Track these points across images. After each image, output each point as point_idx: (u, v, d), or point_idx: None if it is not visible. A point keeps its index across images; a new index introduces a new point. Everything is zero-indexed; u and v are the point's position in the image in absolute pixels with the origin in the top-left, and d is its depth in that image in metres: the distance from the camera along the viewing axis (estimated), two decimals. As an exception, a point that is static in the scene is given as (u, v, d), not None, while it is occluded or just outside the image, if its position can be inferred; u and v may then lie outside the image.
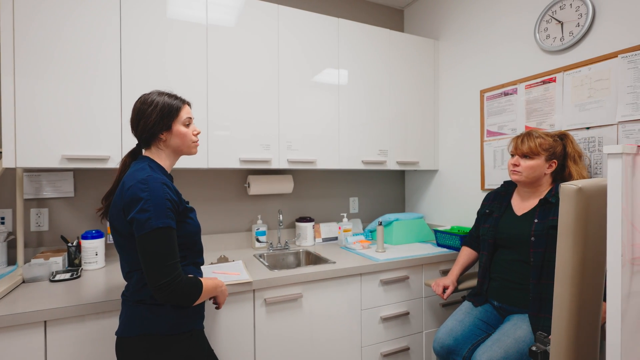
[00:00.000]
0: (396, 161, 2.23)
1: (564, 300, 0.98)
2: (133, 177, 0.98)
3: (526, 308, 1.38)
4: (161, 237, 0.93)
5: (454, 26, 2.27)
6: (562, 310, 0.98)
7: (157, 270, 0.91)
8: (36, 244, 1.72)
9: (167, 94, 1.10)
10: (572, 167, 1.45)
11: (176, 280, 0.92)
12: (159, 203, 0.94)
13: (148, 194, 0.94)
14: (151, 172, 1.00)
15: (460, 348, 1.42)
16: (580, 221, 0.95)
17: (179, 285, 0.93)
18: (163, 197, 0.95)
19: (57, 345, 1.17)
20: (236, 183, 2.16)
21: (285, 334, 1.55)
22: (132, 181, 0.97)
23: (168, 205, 0.96)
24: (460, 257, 1.72)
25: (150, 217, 0.92)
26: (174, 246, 0.96)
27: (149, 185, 0.95)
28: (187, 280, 0.97)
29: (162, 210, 0.94)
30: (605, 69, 1.50)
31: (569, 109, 1.64)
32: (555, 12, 1.68)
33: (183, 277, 0.95)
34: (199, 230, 1.11)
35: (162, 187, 0.96)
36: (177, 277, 0.93)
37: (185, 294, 0.96)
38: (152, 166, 1.04)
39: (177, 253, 0.96)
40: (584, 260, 0.97)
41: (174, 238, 0.96)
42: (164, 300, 0.93)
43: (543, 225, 1.35)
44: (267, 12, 1.85)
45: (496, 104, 1.99)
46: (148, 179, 0.96)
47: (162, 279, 0.91)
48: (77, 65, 1.47)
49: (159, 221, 0.93)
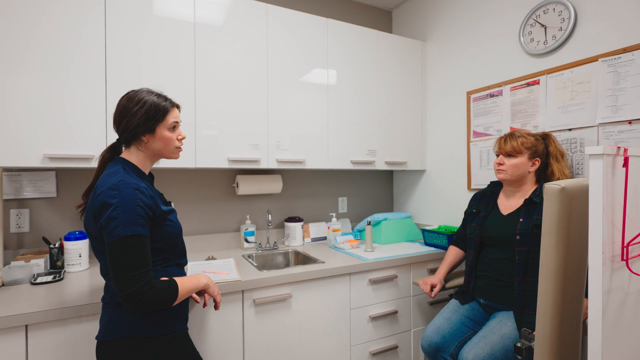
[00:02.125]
0: (385, 161, 2.25)
1: (548, 297, 1.00)
2: (105, 182, 0.95)
3: (511, 305, 1.41)
4: (128, 246, 0.90)
5: (441, 28, 2.30)
6: (546, 306, 1.01)
7: (122, 280, 0.88)
8: (16, 245, 1.66)
9: (156, 93, 1.06)
10: (555, 165, 1.50)
11: (142, 289, 0.89)
12: (129, 210, 0.91)
13: (118, 200, 0.91)
14: (124, 175, 0.96)
15: (447, 345, 1.44)
16: (563, 220, 0.98)
17: (147, 294, 0.90)
18: (134, 203, 0.92)
19: (39, 350, 1.14)
20: (224, 183, 2.14)
21: (275, 334, 1.54)
22: (104, 186, 0.93)
23: (139, 212, 0.92)
24: (448, 256, 1.74)
25: (117, 225, 0.89)
26: (143, 254, 0.92)
27: (120, 190, 0.92)
28: (158, 287, 0.93)
29: (132, 217, 0.91)
30: (586, 72, 1.55)
31: (552, 110, 1.69)
32: (539, 16, 1.72)
33: (151, 285, 0.92)
34: (179, 232, 1.08)
35: (133, 193, 0.93)
36: (143, 286, 0.89)
37: (157, 301, 0.92)
38: (126, 169, 1.00)
39: (147, 261, 0.92)
40: (566, 258, 1.00)
41: (144, 245, 0.92)
42: (132, 310, 0.90)
43: (528, 224, 1.38)
44: (256, 11, 1.84)
45: (482, 105, 2.03)
46: (119, 185, 0.93)
47: (128, 288, 0.88)
48: (59, 60, 1.43)
49: (127, 229, 0.89)
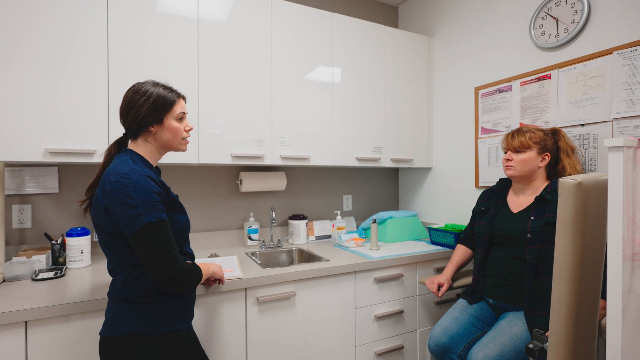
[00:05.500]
0: (390, 158, 2.21)
1: (563, 297, 0.96)
2: (114, 171, 0.93)
3: (521, 305, 1.37)
4: (155, 232, 0.90)
5: (449, 23, 2.26)
6: (560, 306, 0.97)
7: (159, 265, 0.90)
8: (18, 241, 1.65)
9: (162, 85, 1.05)
10: (566, 161, 1.45)
11: (181, 269, 0.93)
12: (147, 196, 0.90)
13: (132, 188, 0.89)
14: (133, 165, 0.95)
15: (455, 346, 1.41)
16: (579, 216, 0.94)
17: (184, 274, 0.94)
18: (149, 189, 0.91)
19: (39, 347, 1.12)
20: (228, 180, 2.11)
21: (278, 333, 1.51)
22: (114, 176, 0.91)
23: (156, 199, 0.92)
24: (455, 255, 1.70)
25: (140, 213, 0.88)
26: (170, 237, 0.94)
27: (131, 179, 0.90)
28: (189, 268, 0.98)
29: (151, 203, 0.90)
30: (600, 65, 1.50)
31: (564, 105, 1.64)
32: (551, 9, 1.67)
33: (186, 266, 0.96)
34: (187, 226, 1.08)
35: (146, 180, 0.92)
36: (180, 267, 0.93)
37: (189, 281, 0.98)
38: (134, 159, 0.98)
39: (174, 243, 0.95)
40: (582, 256, 0.95)
41: (169, 229, 0.94)
42: (172, 291, 0.95)
43: (539, 222, 1.34)
44: (260, 5, 1.81)
45: (490, 101, 1.98)
46: (130, 173, 0.91)
47: (167, 271, 0.90)
48: (61, 53, 1.41)
49: (149, 216, 0.89)
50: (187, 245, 1.10)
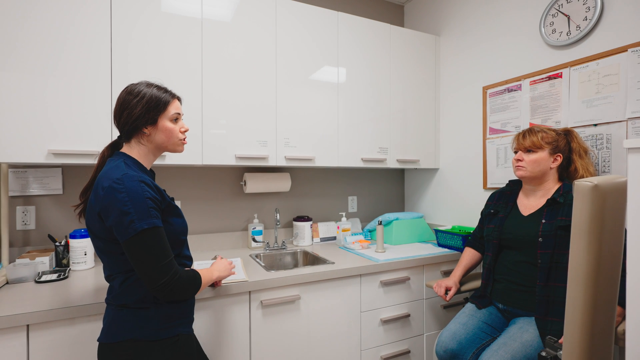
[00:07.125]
0: (396, 159, 2.17)
1: (578, 304, 0.93)
2: (107, 176, 0.91)
3: (531, 311, 1.33)
4: (148, 239, 0.87)
5: (456, 21, 2.22)
6: (575, 313, 0.93)
7: (151, 273, 0.88)
8: (22, 243, 1.64)
9: (156, 85, 1.03)
10: (578, 162, 1.41)
11: (174, 277, 0.90)
12: (140, 202, 0.88)
13: (125, 194, 0.87)
14: (126, 169, 0.92)
15: (464, 352, 1.37)
16: (595, 221, 0.90)
17: (178, 282, 0.91)
18: (143, 196, 0.89)
19: (40, 351, 1.10)
20: (232, 181, 2.09)
21: (282, 337, 1.49)
22: (107, 181, 0.89)
23: (150, 205, 0.89)
24: (463, 258, 1.67)
25: (133, 220, 0.86)
26: (165, 244, 0.91)
27: (124, 184, 0.88)
28: (186, 275, 0.95)
29: (144, 209, 0.88)
30: (614, 63, 1.46)
31: (576, 105, 1.60)
32: (562, 6, 1.63)
33: (181, 273, 0.93)
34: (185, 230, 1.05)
35: (139, 185, 0.89)
36: (174, 274, 0.90)
37: (186, 289, 0.95)
38: (127, 163, 0.96)
39: (169, 250, 0.92)
40: (599, 262, 0.92)
41: (163, 236, 0.91)
42: (166, 299, 0.92)
43: (551, 225, 1.30)
44: (265, 4, 1.79)
45: (499, 100, 1.94)
46: (124, 178, 0.89)
47: (160, 279, 0.88)
48: (63, 55, 1.40)
49: (142, 222, 0.87)
50: (185, 248, 1.07)
